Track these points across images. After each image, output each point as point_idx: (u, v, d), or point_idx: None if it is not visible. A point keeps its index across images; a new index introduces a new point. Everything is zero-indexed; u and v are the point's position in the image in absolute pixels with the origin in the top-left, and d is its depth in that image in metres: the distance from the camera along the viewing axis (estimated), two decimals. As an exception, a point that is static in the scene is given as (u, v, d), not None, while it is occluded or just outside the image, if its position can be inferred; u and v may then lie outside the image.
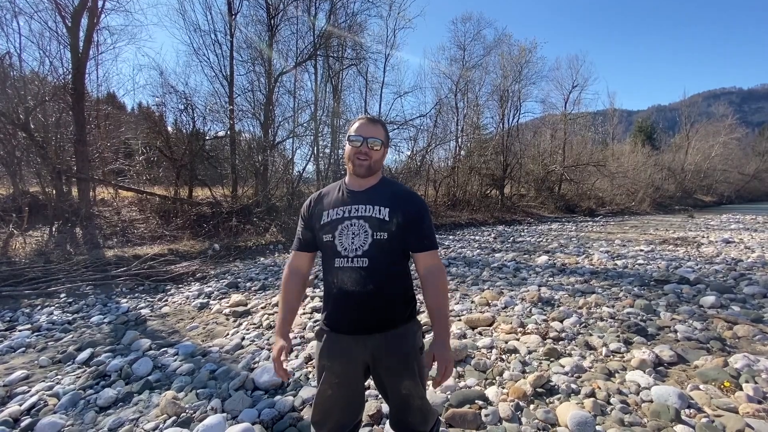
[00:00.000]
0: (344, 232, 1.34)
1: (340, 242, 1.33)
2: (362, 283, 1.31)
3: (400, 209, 1.35)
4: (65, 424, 2.25)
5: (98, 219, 8.34)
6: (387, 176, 1.49)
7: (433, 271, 1.37)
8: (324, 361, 1.38)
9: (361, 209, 1.35)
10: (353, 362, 1.36)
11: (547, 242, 9.63)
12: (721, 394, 2.38)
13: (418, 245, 1.38)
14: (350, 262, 1.32)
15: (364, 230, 1.32)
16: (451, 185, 17.83)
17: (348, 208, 1.36)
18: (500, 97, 21.09)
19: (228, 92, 11.54)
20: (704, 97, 60.66)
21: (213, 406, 2.36)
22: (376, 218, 1.33)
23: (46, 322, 4.04)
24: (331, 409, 1.39)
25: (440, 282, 1.37)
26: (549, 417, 2.19)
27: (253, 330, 3.74)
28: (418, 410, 1.41)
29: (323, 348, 1.39)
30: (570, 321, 3.67)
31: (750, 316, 3.70)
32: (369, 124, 1.37)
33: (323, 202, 1.44)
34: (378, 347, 1.34)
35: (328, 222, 1.37)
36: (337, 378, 1.36)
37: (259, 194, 10.74)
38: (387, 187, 1.42)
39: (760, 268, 5.84)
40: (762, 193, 41.57)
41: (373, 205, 1.35)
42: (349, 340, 1.35)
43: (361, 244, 1.32)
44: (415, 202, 1.40)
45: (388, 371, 1.37)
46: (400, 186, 1.46)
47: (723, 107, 42.13)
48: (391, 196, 1.38)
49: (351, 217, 1.34)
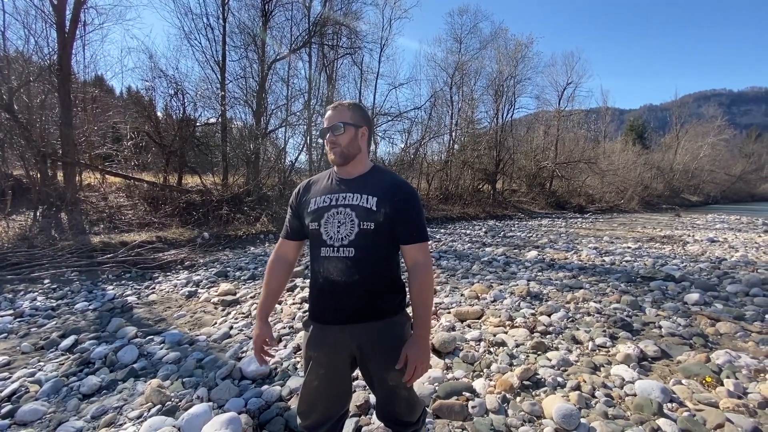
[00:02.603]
0: (330, 220, 1.31)
1: (326, 231, 1.30)
2: (348, 273, 1.28)
3: (389, 199, 1.30)
4: (47, 411, 2.21)
5: (84, 204, 8.17)
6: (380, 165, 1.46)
7: (419, 266, 1.32)
8: (310, 351, 1.37)
9: (349, 197, 1.31)
10: (340, 353, 1.35)
11: (537, 238, 9.71)
12: (702, 388, 2.43)
13: (405, 236, 1.32)
14: (336, 251, 1.29)
15: (351, 219, 1.29)
16: (444, 179, 17.84)
17: (335, 196, 1.33)
18: (495, 91, 21.06)
19: (220, 78, 11.31)
20: (695, 98, 61.45)
21: (199, 395, 2.33)
22: (363, 207, 1.29)
23: (29, 308, 3.95)
24: (317, 400, 1.38)
25: (425, 278, 1.31)
26: (535, 409, 2.21)
27: (242, 319, 3.71)
28: (405, 401, 1.41)
29: (310, 338, 1.38)
30: (558, 315, 3.71)
31: (732, 313, 3.78)
32: (331, 112, 1.34)
33: (311, 189, 1.42)
34: (365, 338, 1.33)
35: (314, 209, 1.35)
36: (323, 369, 1.35)
37: (250, 183, 10.61)
38: (377, 176, 1.38)
39: (743, 267, 5.96)
40: (746, 194, 42.44)
41: (361, 193, 1.32)
42: (336, 331, 1.33)
43: (347, 233, 1.28)
44: (404, 191, 1.33)
45: (375, 362, 1.36)
46: (391, 175, 1.42)
47: (713, 108, 42.70)
48: (380, 185, 1.34)
49: (338, 205, 1.31)
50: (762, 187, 48.23)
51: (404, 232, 1.32)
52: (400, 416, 1.43)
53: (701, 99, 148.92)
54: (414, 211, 1.33)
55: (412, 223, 1.32)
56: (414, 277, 1.32)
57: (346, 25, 14.42)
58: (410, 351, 1.29)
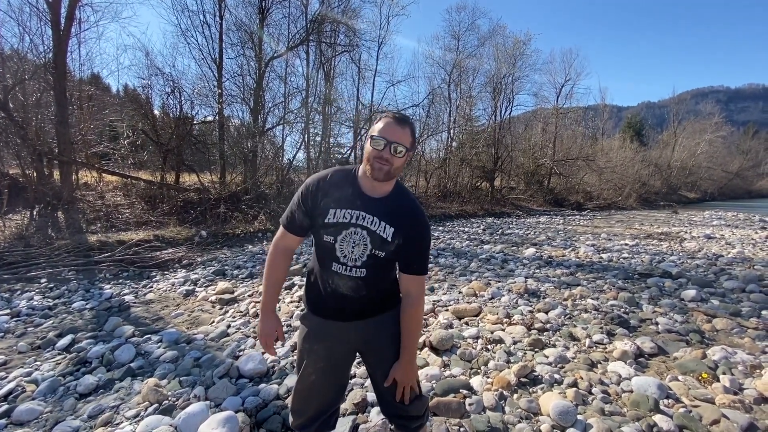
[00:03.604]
0: (347, 239, 1.28)
1: (341, 248, 1.29)
2: (357, 289, 1.32)
3: (405, 231, 1.29)
4: (43, 410, 2.20)
5: (81, 203, 8.13)
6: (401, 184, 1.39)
7: (411, 297, 1.34)
8: (308, 344, 1.37)
9: (368, 219, 1.27)
10: (340, 345, 1.36)
11: (535, 235, 9.72)
12: (698, 385, 2.44)
13: (407, 266, 1.33)
14: (348, 270, 1.29)
15: (365, 243, 1.27)
16: (442, 177, 17.84)
17: (357, 214, 1.28)
18: (493, 88, 21.05)
19: (216, 76, 11.26)
20: (693, 95, 61.61)
21: (196, 394, 2.33)
22: (379, 236, 1.27)
23: (25, 307, 3.93)
24: (312, 395, 1.38)
25: (416, 310, 1.34)
26: (532, 406, 2.22)
27: (239, 318, 3.71)
28: (410, 392, 1.42)
29: (309, 332, 1.38)
30: (555, 312, 3.72)
31: (729, 309, 3.80)
32: (396, 125, 1.22)
33: (331, 194, 1.30)
34: (367, 331, 1.35)
35: (333, 223, 1.28)
36: (321, 362, 1.35)
37: (248, 181, 10.59)
38: (399, 200, 1.33)
39: (740, 264, 5.99)
40: (743, 190, 42.62)
41: (380, 219, 1.27)
42: (338, 325, 1.35)
43: (360, 255, 1.28)
44: (420, 226, 1.32)
45: (378, 354, 1.38)
46: (409, 200, 1.36)
47: (710, 105, 42.78)
48: (399, 214, 1.30)
49: (356, 225, 1.27)
50: (759, 184, 48.44)
51: (407, 262, 1.33)
52: (405, 411, 1.43)
53: (699, 96, 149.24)
54: (424, 245, 1.34)
55: (417, 256, 1.33)
56: (405, 307, 1.35)
57: (344, 22, 14.37)
58: (397, 374, 1.36)
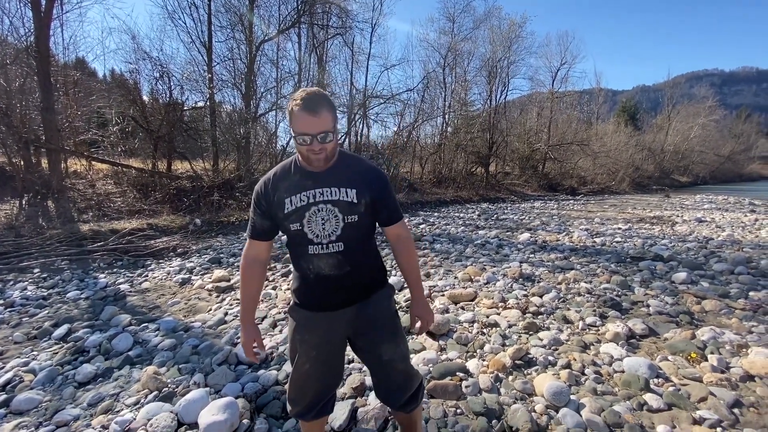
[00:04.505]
0: (312, 218, 1.27)
1: (311, 230, 1.27)
2: (339, 266, 1.31)
3: (367, 189, 1.31)
4: (42, 399, 2.21)
5: (71, 192, 8.01)
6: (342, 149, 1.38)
7: (402, 239, 1.44)
8: (299, 335, 1.37)
9: (327, 192, 1.27)
10: (331, 333, 1.37)
11: (530, 220, 9.79)
12: (687, 364, 2.51)
13: (387, 220, 1.41)
14: (325, 248, 1.28)
15: (334, 215, 1.27)
16: (437, 162, 17.77)
17: (312, 193, 1.27)
18: (488, 72, 20.82)
19: (206, 60, 11.00)
20: (687, 79, 61.39)
21: (196, 381, 2.35)
22: (345, 201, 1.27)
23: (19, 297, 3.91)
24: (308, 384, 1.40)
25: (410, 247, 1.45)
26: (527, 387, 2.27)
27: (237, 305, 3.72)
28: (403, 374, 1.45)
29: (299, 323, 1.39)
30: (549, 296, 3.78)
31: (718, 291, 3.88)
32: (311, 116, 1.16)
33: (281, 187, 1.31)
34: (355, 316, 1.36)
35: (293, 210, 1.27)
36: (314, 350, 1.36)
37: (242, 168, 10.48)
38: (348, 164, 1.33)
39: (729, 247, 6.09)
40: (734, 174, 43.03)
41: (339, 187, 1.28)
42: (327, 314, 1.35)
43: (333, 229, 1.28)
44: (378, 178, 1.36)
45: (367, 337, 1.39)
46: (360, 161, 1.39)
47: (704, 89, 42.74)
48: (354, 175, 1.31)
49: (317, 202, 1.26)
50: (749, 168, 48.96)
51: (386, 217, 1.40)
52: (398, 390, 1.45)
53: (694, 79, 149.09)
54: (390, 195, 1.39)
55: (390, 206, 1.39)
56: (400, 249, 1.44)
57: (336, 3, 14.03)
58: (416, 312, 1.47)
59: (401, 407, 1.47)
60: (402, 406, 1.47)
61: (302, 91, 1.20)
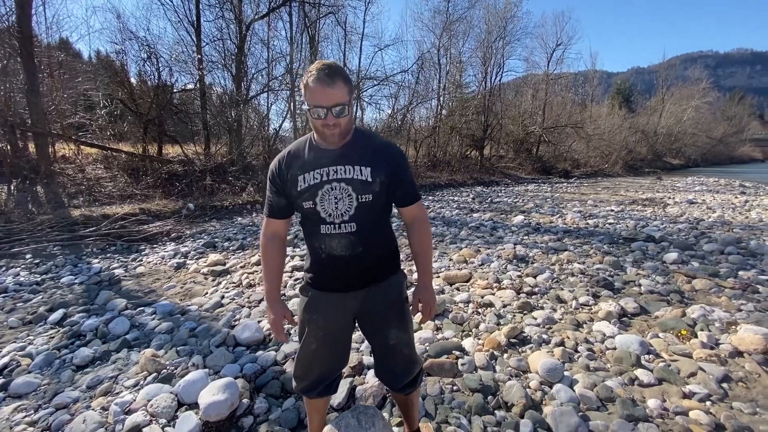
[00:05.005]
0: (326, 197, 1.23)
1: (323, 208, 1.24)
2: (351, 247, 1.28)
3: (381, 166, 1.26)
4: (41, 383, 2.21)
5: (60, 177, 7.86)
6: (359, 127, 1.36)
7: (418, 221, 1.40)
8: (309, 314, 1.37)
9: (341, 171, 1.23)
10: (340, 315, 1.36)
11: (524, 203, 9.83)
12: (678, 341, 2.57)
13: (403, 200, 1.36)
14: (338, 228, 1.25)
15: (348, 194, 1.24)
16: (431, 145, 17.67)
17: (326, 170, 1.24)
18: (484, 53, 20.55)
19: (195, 40, 10.69)
20: (682, 60, 61.19)
21: (194, 363, 2.37)
22: (359, 180, 1.23)
23: (12, 283, 3.88)
24: (314, 363, 1.40)
25: (426, 230, 1.41)
26: (521, 365, 2.32)
27: (233, 289, 3.72)
28: (406, 359, 1.45)
29: (309, 303, 1.37)
30: (543, 276, 3.82)
31: (708, 271, 3.95)
32: (326, 87, 1.12)
33: (294, 164, 1.28)
34: (365, 298, 1.35)
35: (306, 188, 1.25)
36: (321, 331, 1.35)
37: (234, 152, 10.33)
38: (363, 141, 1.30)
39: (720, 227, 6.19)
40: (726, 157, 43.37)
41: (353, 165, 1.24)
42: (338, 295, 1.34)
43: (347, 209, 1.24)
44: (394, 155, 1.31)
45: (375, 321, 1.39)
46: (376, 138, 1.36)
47: (698, 71, 42.62)
48: (369, 152, 1.27)
49: (330, 180, 1.23)
50: (740, 150, 49.35)
51: (402, 196, 1.35)
52: (400, 374, 1.46)
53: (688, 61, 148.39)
54: (407, 173, 1.34)
55: (407, 185, 1.34)
56: (415, 231, 1.40)
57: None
58: (422, 296, 1.41)
59: (400, 389, 1.49)
60: (401, 389, 1.48)
61: (318, 62, 1.16)
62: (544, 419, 1.86)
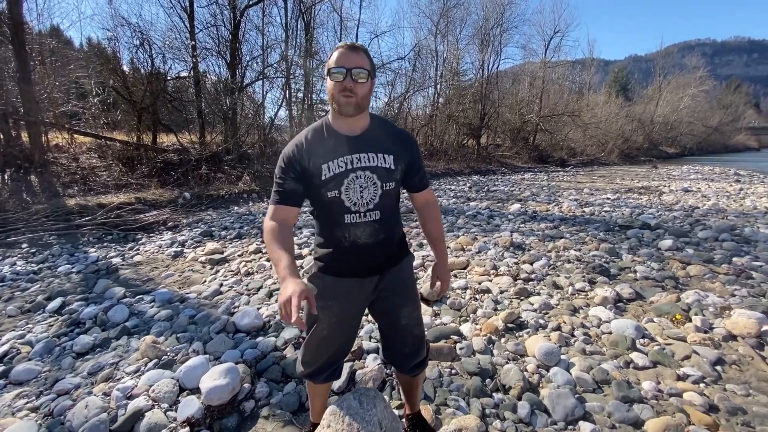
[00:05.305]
0: (351, 186, 1.22)
1: (348, 197, 1.22)
2: (375, 234, 1.29)
3: (402, 154, 1.30)
4: (41, 370, 2.22)
5: (54, 166, 7.77)
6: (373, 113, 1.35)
7: (430, 204, 1.48)
8: (324, 301, 1.33)
9: (364, 159, 1.22)
10: (356, 301, 1.37)
11: (520, 191, 9.85)
12: (672, 325, 2.61)
13: (419, 186, 1.42)
14: (363, 217, 1.25)
15: (373, 182, 1.23)
16: (428, 134, 17.59)
17: (350, 159, 1.21)
18: (481, 40, 20.34)
19: (188, 27, 10.49)
20: (679, 48, 60.86)
21: (195, 349, 2.38)
22: (383, 168, 1.24)
23: (9, 272, 3.86)
24: (324, 349, 1.40)
25: (438, 213, 1.51)
26: (519, 348, 2.35)
27: (231, 277, 3.73)
28: (417, 339, 1.48)
29: (324, 289, 1.34)
30: (539, 263, 3.85)
31: (702, 257, 4.00)
32: (350, 52, 1.15)
33: (316, 152, 1.22)
34: (380, 281, 1.37)
35: (331, 177, 1.21)
36: (335, 317, 1.35)
37: (229, 141, 10.24)
38: (380, 128, 1.30)
39: (714, 215, 6.24)
40: (721, 145, 43.47)
41: (375, 152, 1.23)
42: (353, 282, 1.34)
43: (371, 197, 1.24)
44: (412, 144, 1.36)
45: (389, 302, 1.40)
46: (390, 124, 1.36)
47: (696, 59, 42.47)
48: (389, 140, 1.28)
49: (355, 169, 1.21)
50: (736, 139, 49.48)
51: (417, 183, 1.41)
52: (411, 354, 1.48)
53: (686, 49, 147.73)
54: (421, 160, 1.40)
55: (421, 171, 1.40)
56: (429, 214, 1.48)
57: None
58: (439, 273, 1.52)
59: (409, 371, 1.50)
60: (410, 370, 1.50)
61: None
62: (542, 401, 1.90)
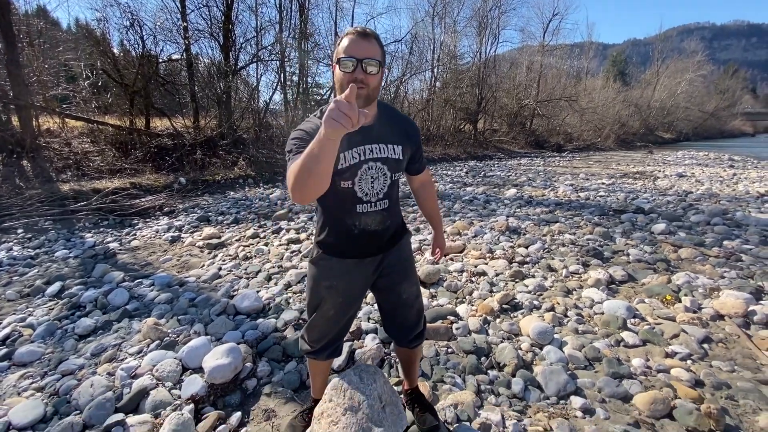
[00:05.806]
0: (363, 177, 1.23)
1: (360, 188, 1.24)
2: (383, 221, 1.34)
3: (408, 144, 1.33)
4: (44, 351, 2.26)
5: (47, 151, 7.66)
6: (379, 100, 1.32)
7: (427, 183, 1.58)
8: (327, 282, 1.36)
9: (376, 150, 1.23)
10: (360, 280, 1.41)
11: (516, 176, 9.88)
12: (662, 306, 2.68)
13: (418, 169, 1.48)
14: (373, 206, 1.29)
15: (383, 173, 1.25)
16: (425, 119, 17.45)
17: (363, 149, 1.21)
18: (479, 23, 20.01)
19: (180, 7, 10.21)
20: (679, 32, 60.22)
21: (196, 330, 2.42)
22: (393, 159, 1.26)
23: (6, 257, 3.86)
24: (329, 327, 1.44)
25: (434, 190, 1.63)
26: (513, 328, 2.41)
27: (230, 261, 3.75)
28: (416, 311, 1.54)
29: (329, 270, 1.37)
30: (534, 247, 3.91)
31: (694, 240, 4.07)
32: (362, 40, 1.10)
33: None
34: (382, 260, 1.41)
35: (347, 168, 1.20)
36: (341, 297, 1.38)
37: (223, 125, 10.11)
38: (390, 118, 1.30)
39: (707, 199, 6.32)
40: (717, 131, 43.54)
41: (386, 143, 1.25)
42: (357, 262, 1.37)
43: (381, 187, 1.28)
44: (416, 132, 1.39)
45: (390, 279, 1.45)
46: (397, 113, 1.37)
47: (694, 43, 42.08)
48: (396, 129, 1.29)
49: (368, 160, 1.22)
50: (732, 124, 49.55)
51: (417, 166, 1.47)
52: (411, 325, 1.54)
53: (685, 33, 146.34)
54: (421, 146, 1.46)
55: (422, 156, 1.47)
56: (427, 192, 1.60)
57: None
58: (438, 243, 1.70)
59: (408, 342, 1.56)
60: (409, 342, 1.56)
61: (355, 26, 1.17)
62: (535, 377, 1.96)
